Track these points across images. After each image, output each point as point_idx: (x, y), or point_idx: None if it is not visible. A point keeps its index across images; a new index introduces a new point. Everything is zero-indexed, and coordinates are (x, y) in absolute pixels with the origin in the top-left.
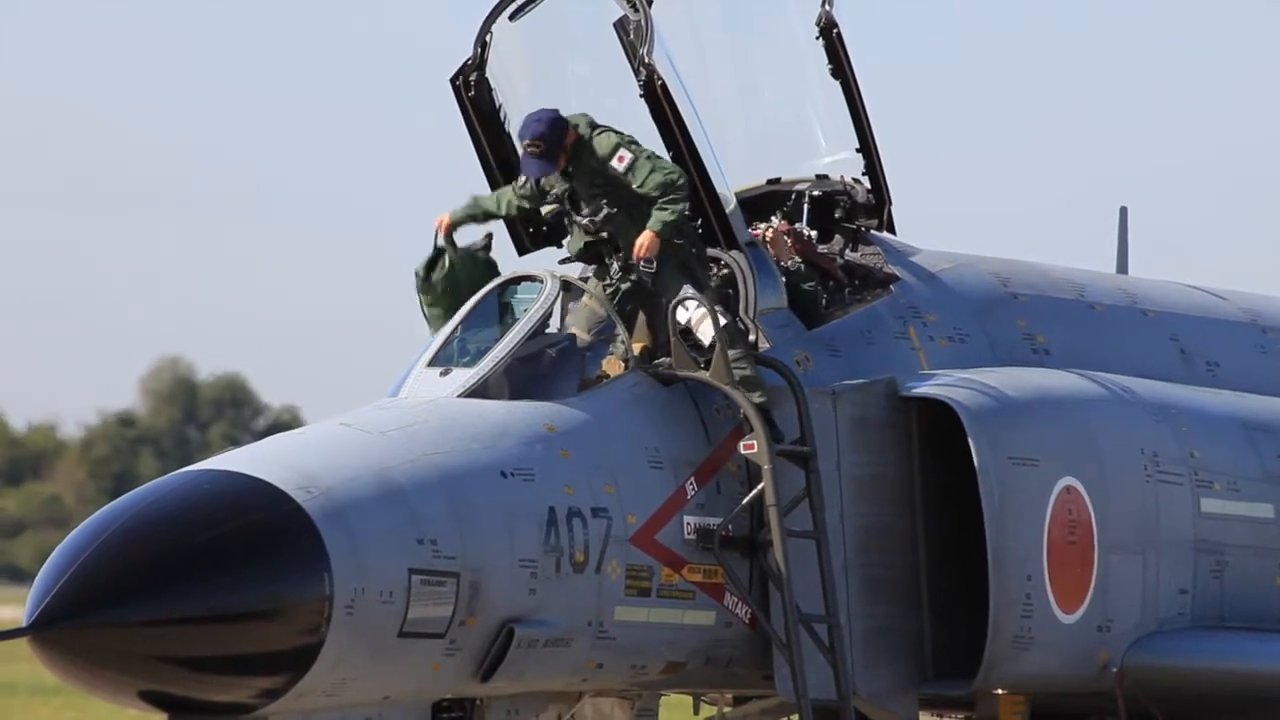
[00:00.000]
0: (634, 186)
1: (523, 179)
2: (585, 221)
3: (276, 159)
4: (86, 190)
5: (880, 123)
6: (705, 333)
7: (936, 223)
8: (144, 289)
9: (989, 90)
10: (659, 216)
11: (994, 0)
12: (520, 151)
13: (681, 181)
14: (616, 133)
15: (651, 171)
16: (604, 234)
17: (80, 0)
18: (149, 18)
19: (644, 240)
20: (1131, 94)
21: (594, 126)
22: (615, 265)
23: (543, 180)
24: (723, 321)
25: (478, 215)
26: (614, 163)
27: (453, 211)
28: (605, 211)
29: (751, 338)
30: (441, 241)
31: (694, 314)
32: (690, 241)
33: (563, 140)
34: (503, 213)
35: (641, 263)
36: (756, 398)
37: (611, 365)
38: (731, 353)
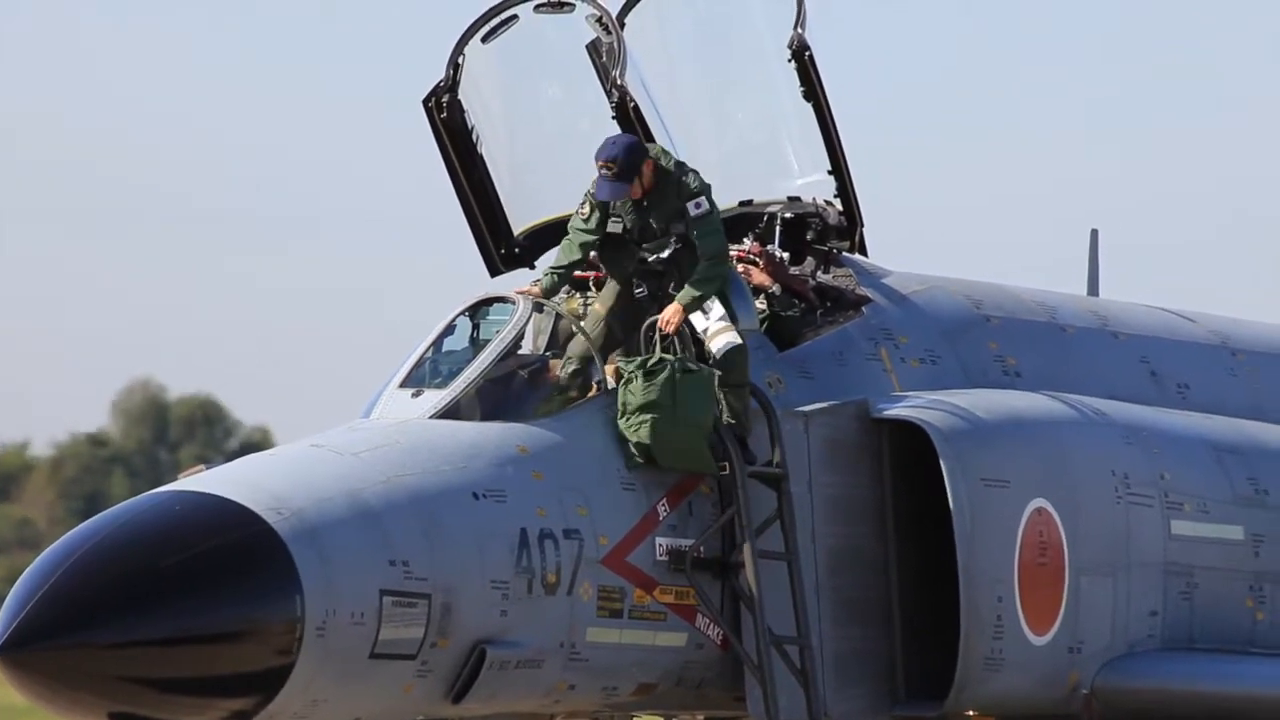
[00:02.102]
0: (693, 235)
1: (586, 209)
2: (650, 257)
3: (249, 181)
4: (57, 209)
5: (852, 145)
6: (717, 344)
7: (908, 244)
8: (115, 309)
9: (960, 111)
10: (689, 292)
11: (967, 21)
12: (597, 173)
13: (727, 252)
14: (702, 179)
15: (714, 233)
16: (660, 268)
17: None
18: (129, 45)
19: (671, 316)
20: (1103, 115)
21: (681, 165)
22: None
23: (613, 205)
24: (735, 343)
25: (564, 273)
26: (692, 205)
27: (541, 285)
28: (673, 249)
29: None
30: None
31: (712, 324)
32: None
33: (638, 165)
34: (579, 256)
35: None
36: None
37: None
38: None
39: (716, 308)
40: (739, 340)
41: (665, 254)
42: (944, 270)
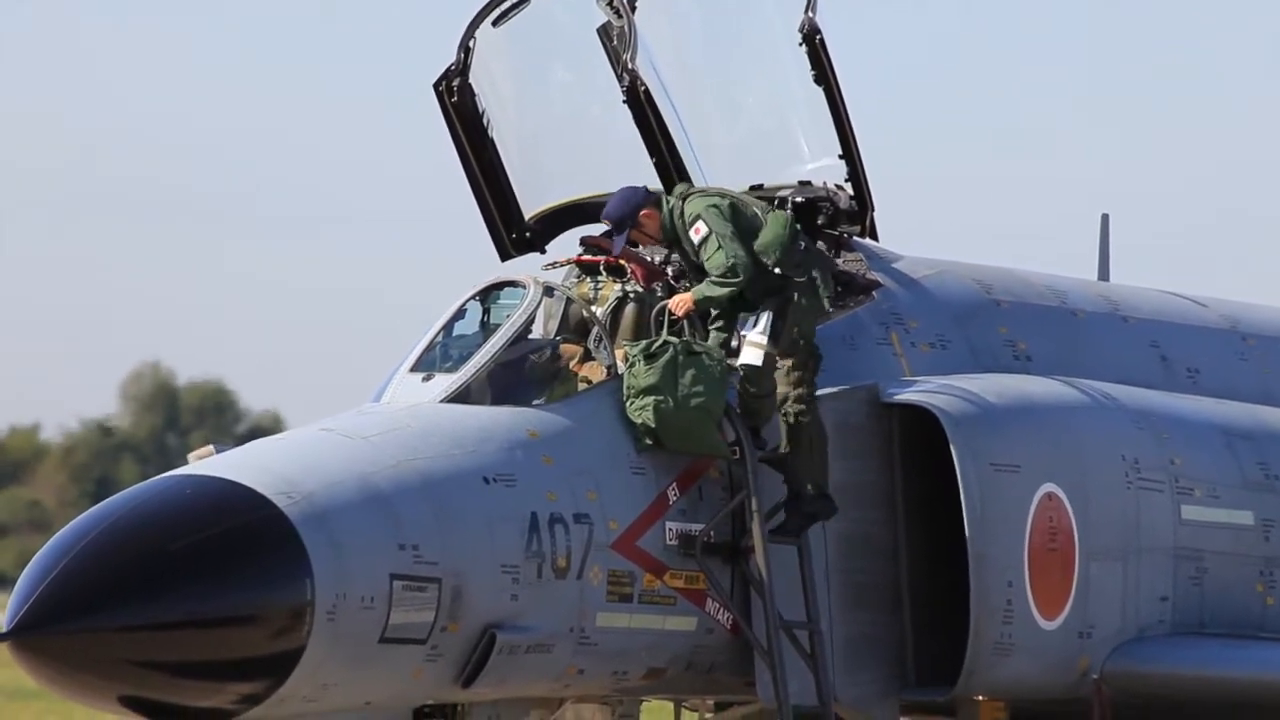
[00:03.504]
0: (703, 260)
1: None
2: (701, 327)
3: (256, 164)
4: (66, 195)
5: (862, 129)
6: (741, 358)
7: (918, 229)
8: (125, 294)
9: (971, 96)
10: (703, 290)
11: (978, 7)
12: None
13: (740, 267)
14: (709, 196)
15: (718, 250)
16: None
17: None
18: (140, 28)
19: (683, 300)
20: (1115, 101)
21: (688, 195)
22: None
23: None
24: (752, 364)
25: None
26: (691, 232)
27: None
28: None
29: (735, 344)
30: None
31: (751, 335)
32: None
33: (630, 216)
34: None
35: (669, 315)
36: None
37: (593, 371)
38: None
39: (764, 320)
40: (758, 362)
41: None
42: (954, 255)
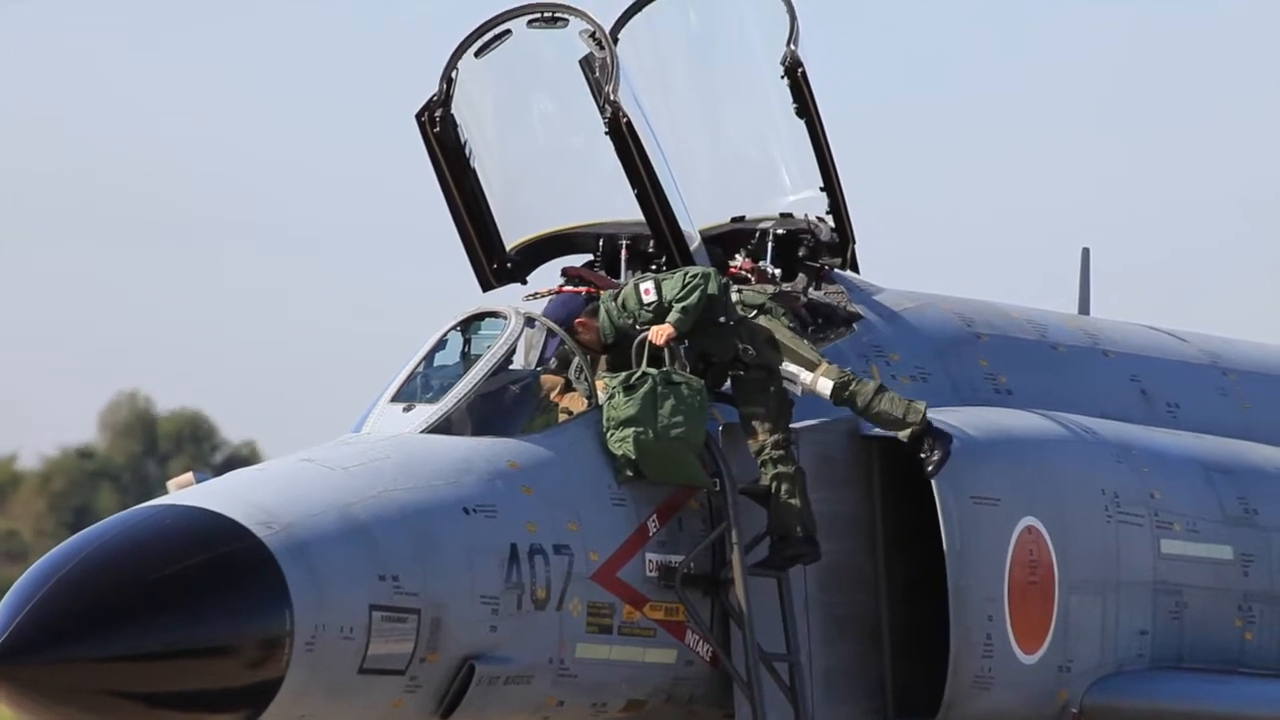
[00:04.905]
0: (670, 299)
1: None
2: (683, 358)
3: (239, 197)
4: (46, 223)
5: (844, 161)
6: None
7: (900, 262)
8: (104, 322)
9: (952, 129)
10: (676, 308)
11: (957, 38)
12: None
13: (698, 270)
14: (641, 277)
15: (670, 279)
16: (709, 359)
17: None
18: (126, 56)
19: (662, 329)
20: (1096, 133)
21: (620, 289)
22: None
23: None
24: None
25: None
26: (642, 294)
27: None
28: (685, 345)
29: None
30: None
31: (804, 378)
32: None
33: (565, 321)
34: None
35: (653, 345)
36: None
37: (574, 402)
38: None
39: (790, 366)
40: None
41: (684, 348)
42: (935, 288)
